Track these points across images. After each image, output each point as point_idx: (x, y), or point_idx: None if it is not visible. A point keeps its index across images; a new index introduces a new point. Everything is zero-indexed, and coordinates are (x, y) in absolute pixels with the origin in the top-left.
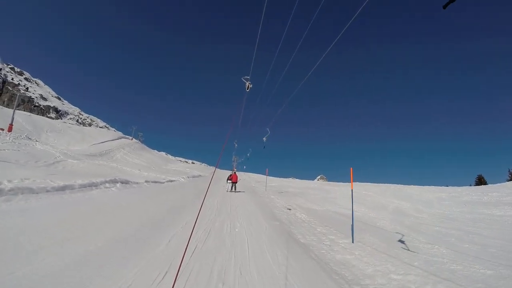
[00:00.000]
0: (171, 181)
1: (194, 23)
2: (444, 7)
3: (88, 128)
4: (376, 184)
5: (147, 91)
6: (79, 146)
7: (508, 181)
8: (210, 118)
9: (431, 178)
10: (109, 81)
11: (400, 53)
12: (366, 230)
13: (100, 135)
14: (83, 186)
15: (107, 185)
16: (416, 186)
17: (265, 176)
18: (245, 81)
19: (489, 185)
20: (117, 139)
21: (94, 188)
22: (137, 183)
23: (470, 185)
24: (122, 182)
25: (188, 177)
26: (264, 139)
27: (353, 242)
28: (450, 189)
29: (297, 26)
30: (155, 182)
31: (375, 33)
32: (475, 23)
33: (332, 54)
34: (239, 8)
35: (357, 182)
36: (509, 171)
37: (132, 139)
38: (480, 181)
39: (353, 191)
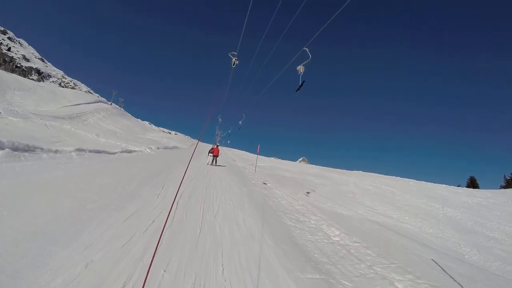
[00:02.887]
0: (130, 151)
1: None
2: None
3: (62, 89)
4: (387, 176)
5: (139, 62)
6: (48, 107)
7: (502, 187)
8: (201, 93)
9: (413, 173)
10: (109, 52)
11: (406, 56)
12: (471, 277)
13: (75, 97)
14: None
15: None
16: (433, 183)
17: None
18: (231, 56)
19: (493, 190)
20: (94, 102)
21: None
22: (54, 151)
23: (459, 186)
24: (13, 149)
25: (158, 148)
26: (301, 68)
27: None
28: (475, 191)
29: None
30: (99, 152)
31: (380, 33)
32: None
33: (328, 47)
34: None
35: (362, 172)
36: (504, 177)
37: (111, 104)
38: (473, 184)
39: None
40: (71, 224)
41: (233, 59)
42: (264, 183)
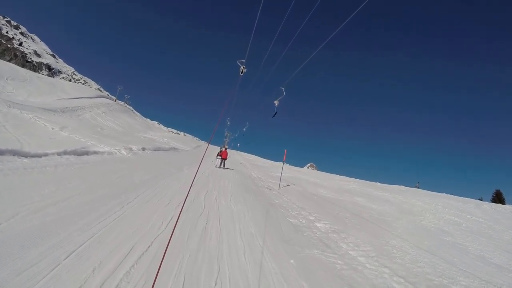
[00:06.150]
0: (84, 154)
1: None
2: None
3: (62, 81)
4: (446, 195)
5: (153, 63)
6: (42, 98)
7: None
8: (214, 95)
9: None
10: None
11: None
12: None
13: (75, 90)
14: None
15: None
16: (495, 204)
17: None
18: (240, 64)
19: None
20: (96, 97)
21: None
22: None
23: (481, 199)
24: None
25: (143, 148)
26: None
27: None
28: None
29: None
30: (2, 153)
31: (385, 38)
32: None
33: (333, 54)
34: None
35: (404, 187)
36: None
37: (115, 100)
38: (499, 198)
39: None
40: None
41: (241, 67)
42: (310, 221)
